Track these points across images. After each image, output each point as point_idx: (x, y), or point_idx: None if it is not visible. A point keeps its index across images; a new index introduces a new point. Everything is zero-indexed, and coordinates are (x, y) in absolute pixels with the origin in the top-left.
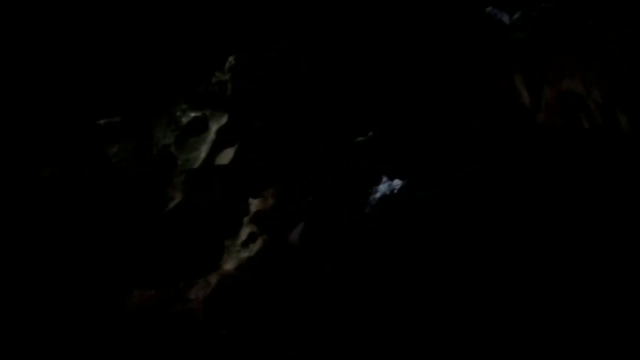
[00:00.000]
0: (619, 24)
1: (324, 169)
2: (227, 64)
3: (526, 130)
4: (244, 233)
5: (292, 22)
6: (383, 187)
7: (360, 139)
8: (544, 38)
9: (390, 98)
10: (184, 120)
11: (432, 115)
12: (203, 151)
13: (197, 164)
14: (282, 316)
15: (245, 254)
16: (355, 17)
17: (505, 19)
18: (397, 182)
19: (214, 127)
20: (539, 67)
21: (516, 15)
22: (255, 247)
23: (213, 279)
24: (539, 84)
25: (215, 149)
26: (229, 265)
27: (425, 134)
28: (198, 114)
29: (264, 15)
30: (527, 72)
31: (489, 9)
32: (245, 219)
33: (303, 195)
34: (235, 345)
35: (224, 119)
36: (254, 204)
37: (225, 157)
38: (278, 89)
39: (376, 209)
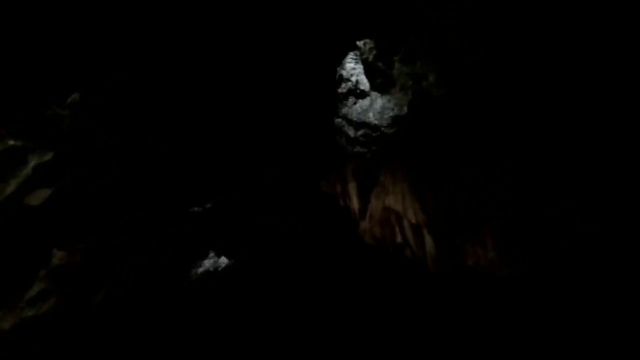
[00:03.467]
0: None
1: (150, 232)
2: (70, 99)
3: (349, 233)
4: (36, 288)
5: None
6: (208, 263)
7: (196, 209)
8: (378, 158)
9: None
10: None
11: (270, 200)
12: (12, 185)
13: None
14: None
15: (30, 313)
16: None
17: (351, 132)
18: (224, 260)
19: (32, 162)
20: (370, 181)
21: (360, 132)
22: (46, 306)
23: None
24: (368, 195)
25: (28, 186)
26: (4, 323)
27: (261, 217)
28: (18, 143)
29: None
30: (360, 182)
31: (338, 120)
32: (42, 272)
33: (119, 258)
34: None
35: (47, 156)
36: (58, 257)
37: (38, 197)
38: (123, 137)
39: (195, 284)
